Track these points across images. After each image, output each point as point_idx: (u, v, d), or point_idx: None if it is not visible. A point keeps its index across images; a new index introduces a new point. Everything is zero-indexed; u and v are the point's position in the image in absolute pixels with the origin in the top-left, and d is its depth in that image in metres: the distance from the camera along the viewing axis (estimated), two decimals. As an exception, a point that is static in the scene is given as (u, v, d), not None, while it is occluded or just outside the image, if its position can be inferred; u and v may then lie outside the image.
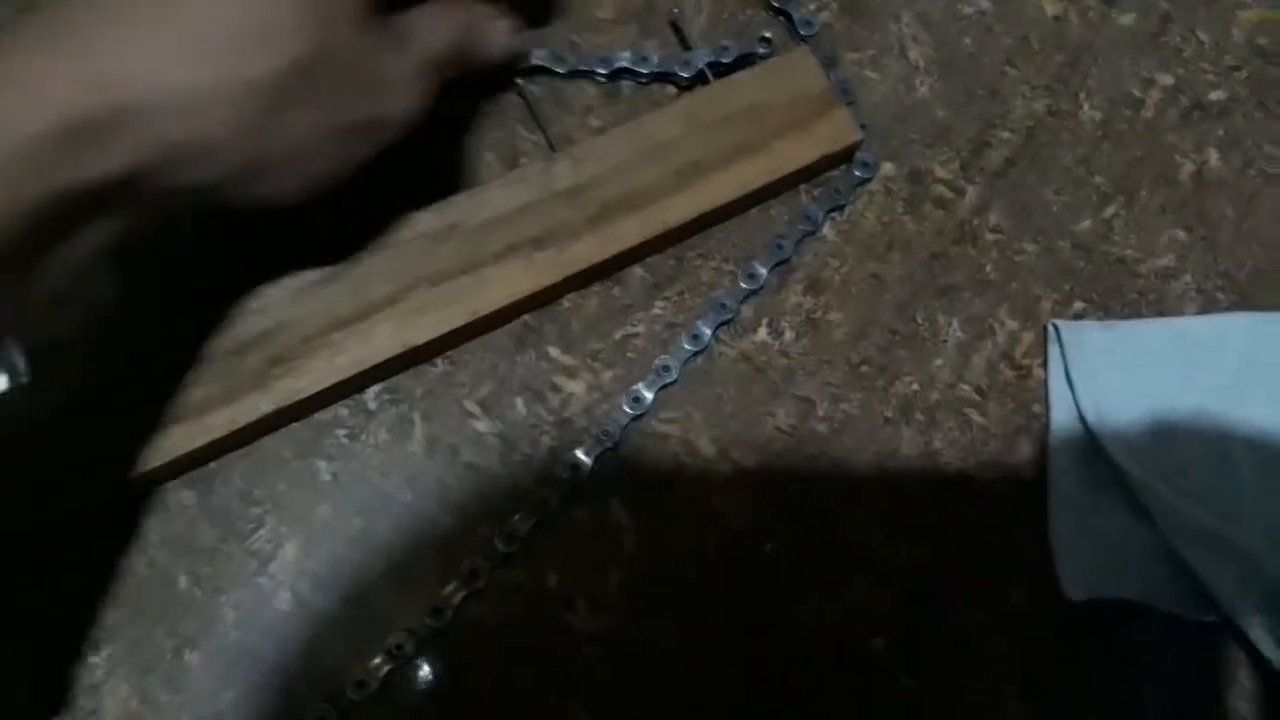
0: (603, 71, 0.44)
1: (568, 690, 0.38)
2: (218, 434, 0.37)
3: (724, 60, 0.44)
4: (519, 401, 0.41)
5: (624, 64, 0.44)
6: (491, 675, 0.38)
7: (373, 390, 0.40)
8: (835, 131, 0.43)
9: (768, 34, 0.45)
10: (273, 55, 0.28)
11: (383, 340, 0.38)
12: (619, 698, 0.38)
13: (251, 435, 0.38)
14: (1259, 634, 0.39)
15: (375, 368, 0.38)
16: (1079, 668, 0.40)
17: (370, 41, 0.31)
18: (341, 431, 0.40)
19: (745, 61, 0.44)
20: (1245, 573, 0.39)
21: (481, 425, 0.40)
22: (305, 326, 0.38)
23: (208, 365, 0.37)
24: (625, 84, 0.44)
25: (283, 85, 0.29)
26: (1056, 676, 0.40)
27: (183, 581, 0.38)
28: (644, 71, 0.44)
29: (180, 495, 0.38)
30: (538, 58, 0.43)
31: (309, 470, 0.39)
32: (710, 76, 0.44)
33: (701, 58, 0.44)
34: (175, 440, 0.36)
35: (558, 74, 0.44)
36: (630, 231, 0.41)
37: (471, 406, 0.40)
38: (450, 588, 0.38)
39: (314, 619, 0.37)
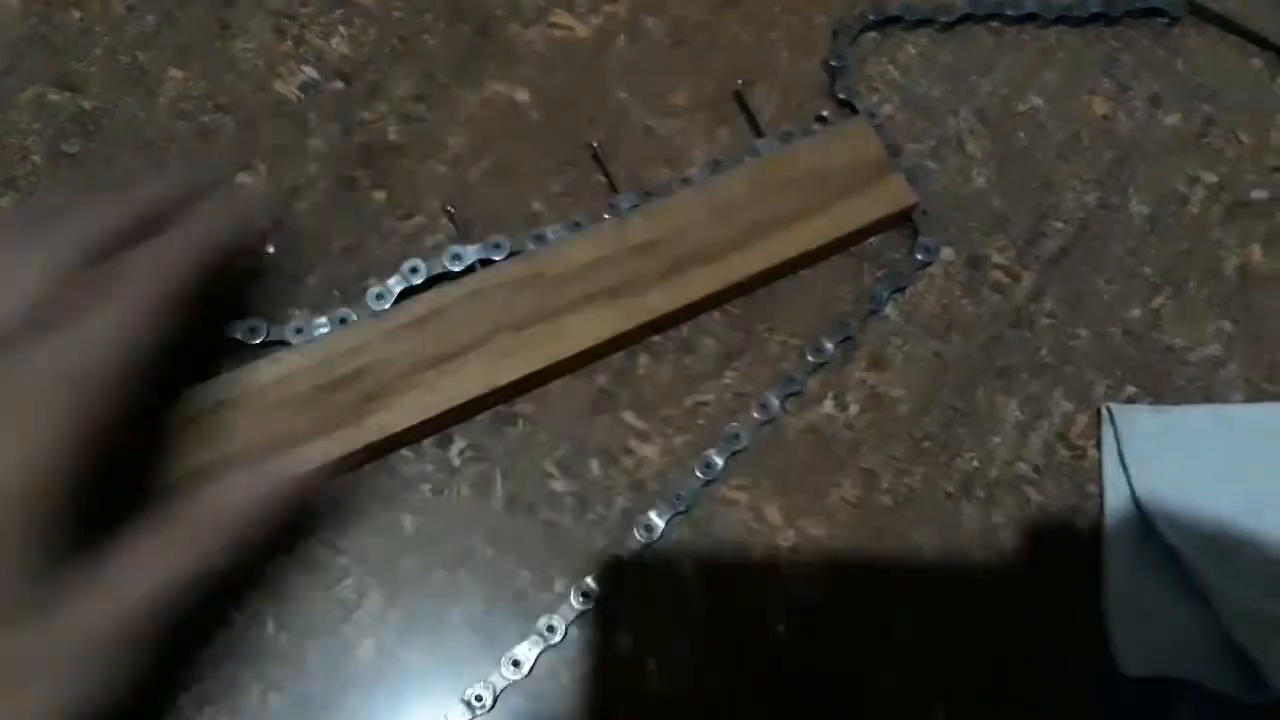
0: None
1: (639, 748, 0.39)
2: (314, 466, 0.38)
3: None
4: (594, 463, 0.42)
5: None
6: (564, 731, 0.39)
7: (456, 447, 0.42)
8: (891, 194, 0.45)
9: (824, 113, 0.48)
10: None
11: (470, 381, 0.40)
12: (687, 757, 0.39)
13: (344, 468, 0.40)
14: (1312, 718, 0.40)
15: (462, 406, 0.40)
16: (1135, 745, 0.41)
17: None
18: (426, 486, 0.41)
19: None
20: (1298, 656, 0.40)
21: (559, 485, 0.42)
22: (397, 365, 0.40)
23: (304, 400, 0.39)
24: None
25: None
26: (1112, 753, 0.40)
27: (270, 626, 0.39)
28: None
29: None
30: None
31: (394, 522, 0.41)
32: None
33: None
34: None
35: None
36: (699, 284, 0.43)
37: (550, 466, 0.42)
38: (528, 642, 0.39)
39: (396, 668, 0.39)
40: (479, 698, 0.38)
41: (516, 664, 0.39)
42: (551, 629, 0.39)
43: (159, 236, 0.29)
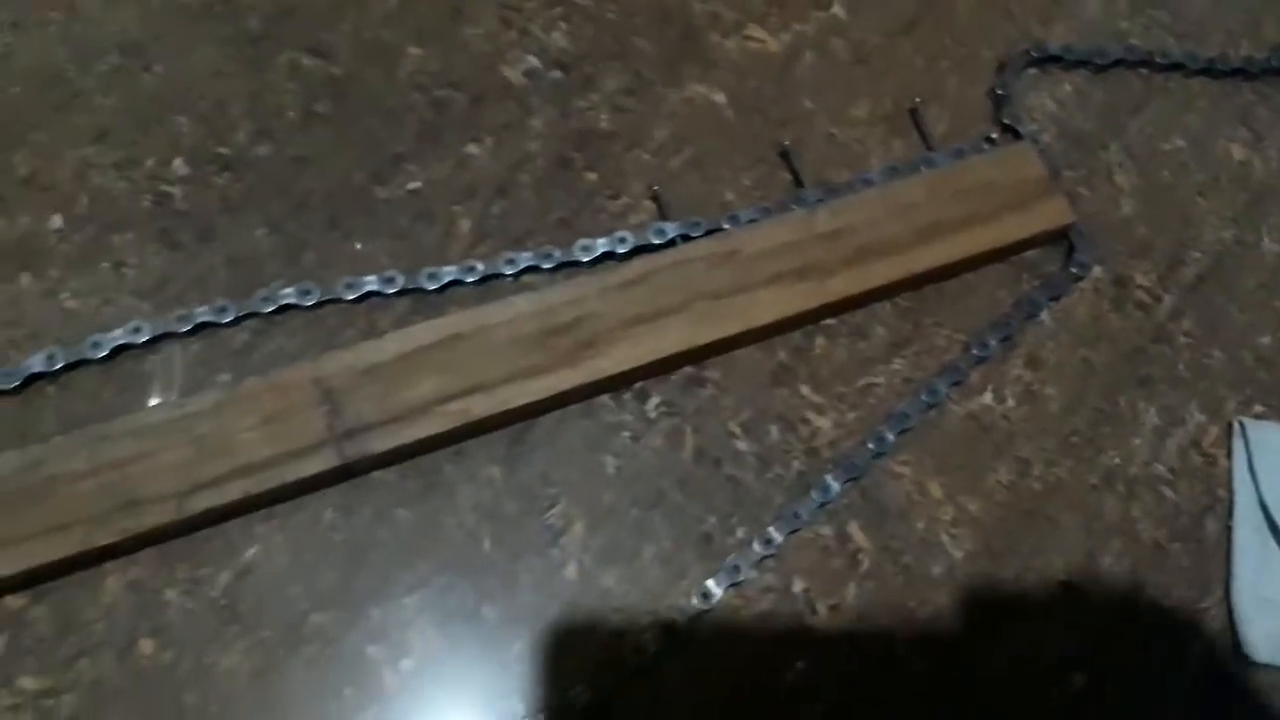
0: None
1: (806, 686, 0.43)
2: (538, 397, 0.43)
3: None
4: (774, 429, 0.47)
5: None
6: (742, 661, 0.43)
7: (652, 401, 0.46)
8: (1052, 212, 0.50)
9: (992, 135, 0.53)
10: None
11: (670, 339, 0.45)
12: (852, 700, 0.43)
13: (560, 403, 0.45)
14: None
15: (663, 360, 0.45)
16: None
17: None
18: (626, 434, 0.46)
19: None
20: None
21: (742, 444, 0.46)
22: (609, 319, 0.45)
23: (531, 340, 0.44)
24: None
25: None
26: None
27: (487, 544, 0.43)
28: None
29: (489, 470, 0.44)
30: None
31: (598, 463, 0.45)
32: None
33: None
34: (504, 396, 0.43)
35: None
36: (879, 273, 0.48)
37: (734, 427, 0.47)
38: (713, 580, 0.43)
39: (596, 591, 0.43)
40: (671, 623, 0.42)
41: (705, 596, 0.43)
42: (736, 569, 0.43)
43: None
